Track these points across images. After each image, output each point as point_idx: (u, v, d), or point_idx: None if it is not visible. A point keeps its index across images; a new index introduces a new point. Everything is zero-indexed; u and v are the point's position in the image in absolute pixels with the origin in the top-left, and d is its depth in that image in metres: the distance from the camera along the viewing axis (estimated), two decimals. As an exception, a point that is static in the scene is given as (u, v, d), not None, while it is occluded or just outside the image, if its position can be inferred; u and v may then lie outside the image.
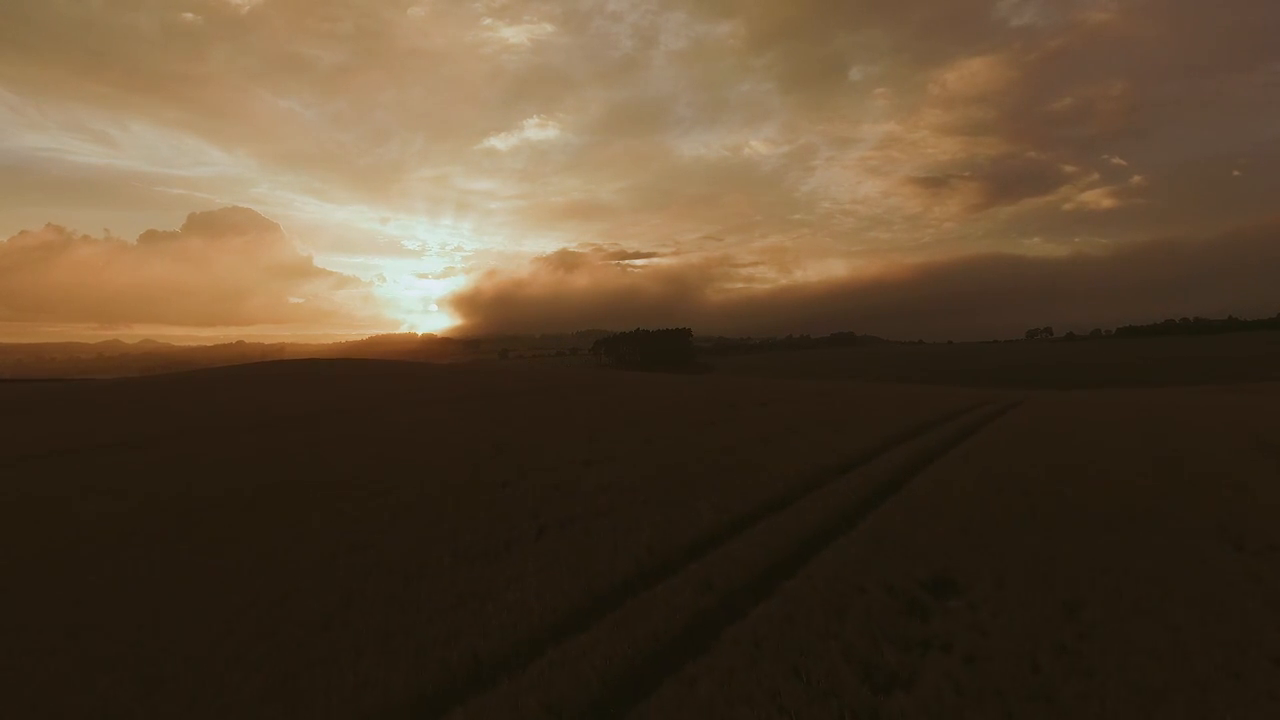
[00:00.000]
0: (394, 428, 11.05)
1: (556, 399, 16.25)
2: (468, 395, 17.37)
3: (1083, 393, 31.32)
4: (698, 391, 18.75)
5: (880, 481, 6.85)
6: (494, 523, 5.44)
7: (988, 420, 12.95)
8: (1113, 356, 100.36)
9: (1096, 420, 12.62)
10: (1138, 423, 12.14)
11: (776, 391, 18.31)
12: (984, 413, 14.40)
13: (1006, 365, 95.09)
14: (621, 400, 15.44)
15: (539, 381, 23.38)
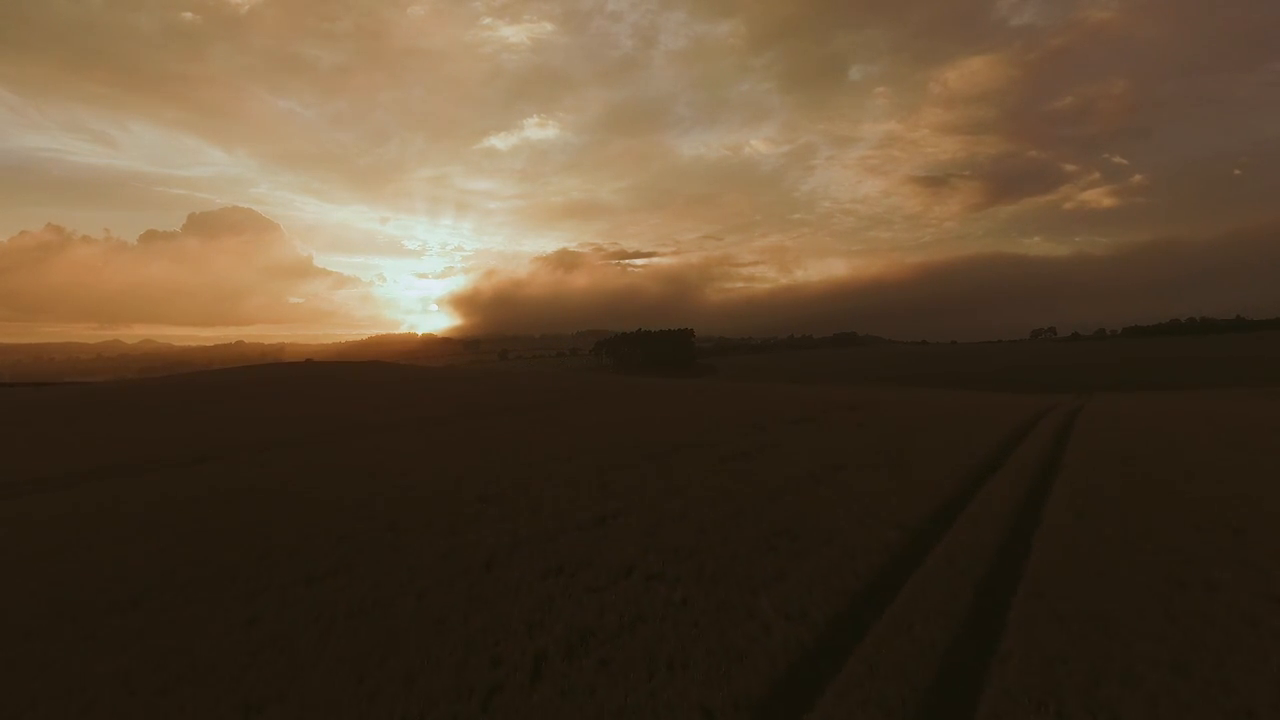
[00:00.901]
0: (361, 466, 9.30)
1: (558, 418, 14.52)
2: (457, 413, 15.62)
3: (1128, 396, 29.11)
4: (716, 406, 17.04)
5: (989, 556, 5.15)
6: (471, 644, 3.74)
7: (1061, 438, 11.24)
8: (1128, 357, 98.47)
9: (1195, 437, 10.88)
10: (1255, 446, 10.40)
11: (803, 404, 16.60)
12: (1050, 428, 12.68)
13: (1020, 367, 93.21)
14: (632, 420, 13.72)
15: (539, 393, 21.70)
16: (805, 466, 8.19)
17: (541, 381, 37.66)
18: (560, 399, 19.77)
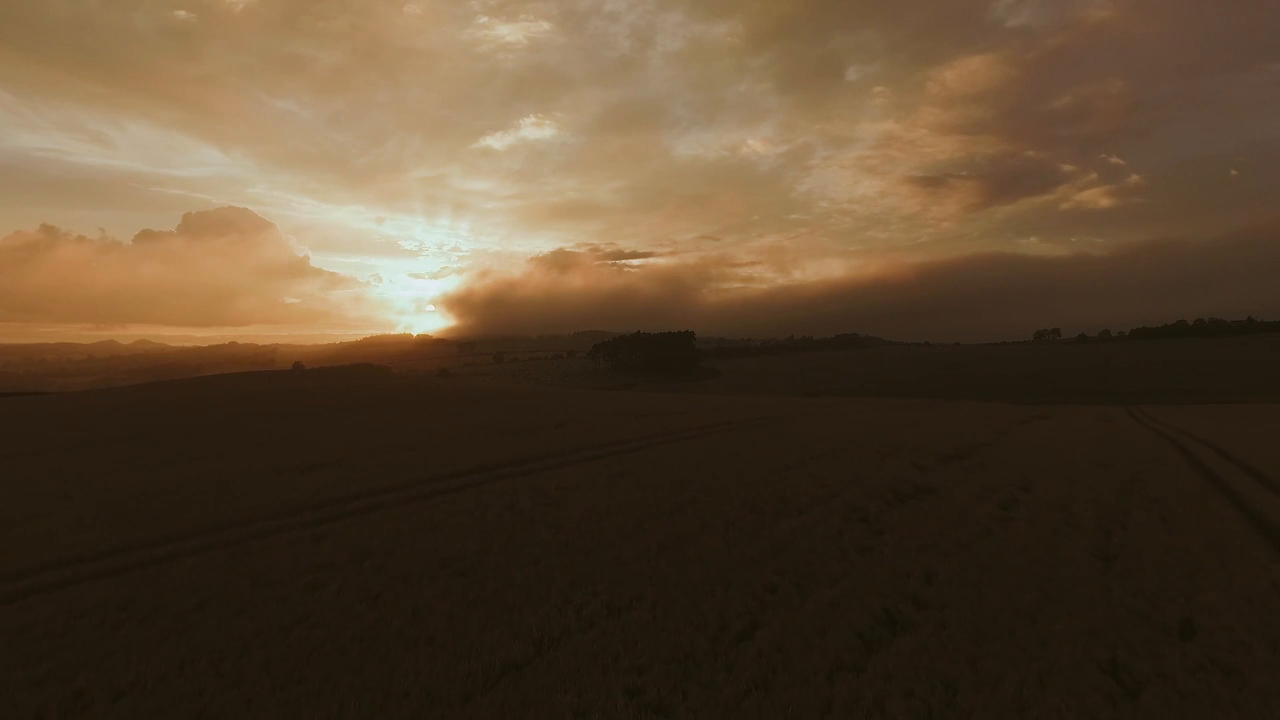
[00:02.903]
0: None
1: (533, 493, 10.15)
2: (417, 477, 11.03)
3: (1208, 412, 24.36)
4: (765, 449, 12.84)
5: None
6: None
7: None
8: (1151, 360, 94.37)
9: None
10: None
11: (879, 448, 12.38)
12: (1252, 494, 8.43)
13: (1042, 371, 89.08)
14: (660, 482, 9.47)
15: (536, 432, 17.49)
16: (1073, 653, 3.94)
17: (541, 399, 33.66)
18: (554, 440, 15.54)
